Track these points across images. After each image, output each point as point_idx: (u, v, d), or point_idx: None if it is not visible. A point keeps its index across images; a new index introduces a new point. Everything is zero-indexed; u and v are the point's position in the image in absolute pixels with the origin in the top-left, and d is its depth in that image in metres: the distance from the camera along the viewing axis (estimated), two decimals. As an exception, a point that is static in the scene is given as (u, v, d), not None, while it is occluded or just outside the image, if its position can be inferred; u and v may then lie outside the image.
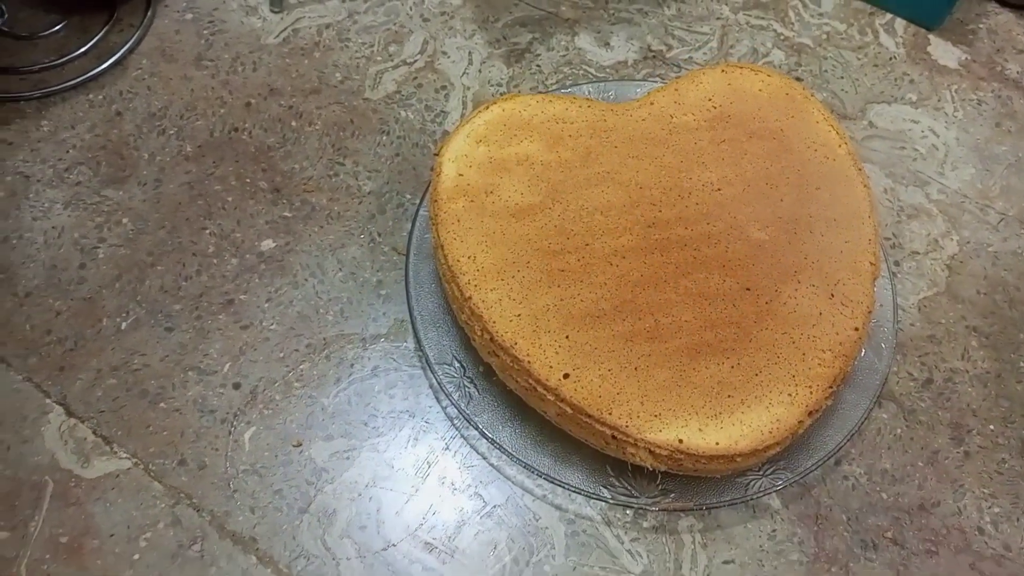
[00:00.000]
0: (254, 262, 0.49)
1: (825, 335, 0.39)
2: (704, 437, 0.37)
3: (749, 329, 0.39)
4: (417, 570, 0.41)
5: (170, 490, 0.42)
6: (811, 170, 0.45)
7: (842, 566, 0.42)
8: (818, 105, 0.47)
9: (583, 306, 0.40)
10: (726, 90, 0.48)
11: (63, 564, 0.40)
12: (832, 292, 0.41)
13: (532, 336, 0.39)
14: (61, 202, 0.50)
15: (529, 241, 0.42)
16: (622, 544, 0.42)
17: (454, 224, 0.42)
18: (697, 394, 0.38)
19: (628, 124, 0.47)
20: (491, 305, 0.40)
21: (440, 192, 0.43)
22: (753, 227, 0.42)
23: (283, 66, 0.56)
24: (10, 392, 0.44)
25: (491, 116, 0.46)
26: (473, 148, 0.45)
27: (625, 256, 0.41)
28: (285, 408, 0.45)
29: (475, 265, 0.41)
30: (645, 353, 0.39)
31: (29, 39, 0.56)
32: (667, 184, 0.44)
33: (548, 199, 0.43)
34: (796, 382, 0.38)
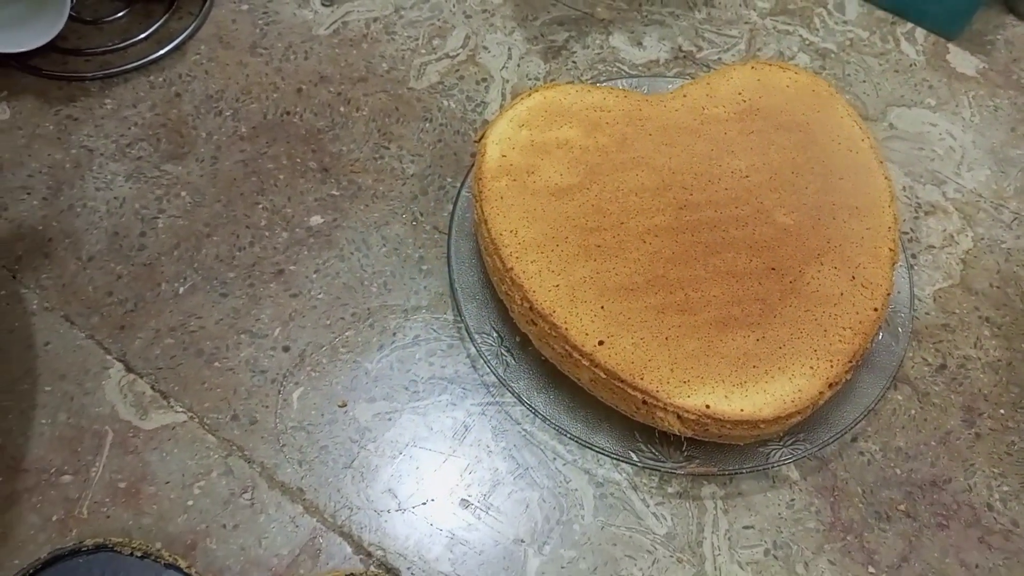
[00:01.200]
0: (303, 236, 0.52)
1: (846, 314, 0.42)
2: (730, 404, 0.40)
3: (774, 306, 0.42)
4: (454, 523, 0.43)
5: (223, 442, 0.45)
6: (835, 161, 0.47)
7: (856, 535, 0.44)
8: (842, 101, 0.50)
9: (617, 279, 0.43)
10: (755, 85, 0.50)
11: (122, 507, 0.43)
12: (853, 275, 0.43)
13: (569, 305, 0.42)
14: (123, 175, 0.53)
15: (568, 218, 0.45)
16: (648, 507, 0.44)
17: (497, 201, 0.45)
18: (724, 364, 0.40)
19: (662, 114, 0.49)
20: (531, 276, 0.43)
21: (485, 171, 0.46)
22: (779, 212, 0.45)
23: (332, 56, 0.59)
24: (74, 348, 0.47)
25: (533, 103, 0.49)
26: (516, 132, 0.48)
27: (657, 235, 0.44)
28: (331, 371, 0.47)
29: (517, 239, 0.44)
30: (675, 324, 0.41)
31: (95, 23, 0.59)
32: (698, 170, 0.47)
33: (586, 180, 0.46)
34: (818, 356, 0.41)
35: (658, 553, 0.43)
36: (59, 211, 0.51)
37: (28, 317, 0.48)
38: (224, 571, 0.42)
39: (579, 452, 0.46)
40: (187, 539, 0.42)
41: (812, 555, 0.44)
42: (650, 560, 0.43)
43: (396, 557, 0.42)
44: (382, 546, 0.43)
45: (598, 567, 0.43)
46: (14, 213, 0.51)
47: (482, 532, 0.43)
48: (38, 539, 0.42)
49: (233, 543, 0.42)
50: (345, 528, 0.43)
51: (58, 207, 0.52)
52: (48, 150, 0.54)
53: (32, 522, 0.42)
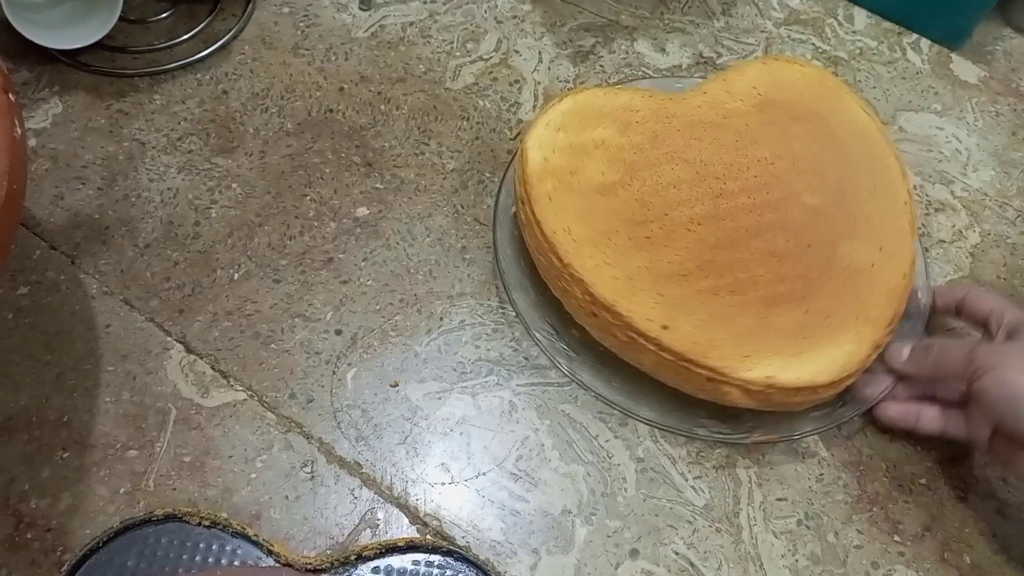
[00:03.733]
0: (350, 226, 0.54)
1: (880, 282, 0.45)
2: (789, 373, 0.43)
3: (814, 280, 0.45)
4: (504, 496, 0.46)
5: (282, 419, 0.47)
6: (849, 145, 0.51)
7: (882, 507, 0.47)
8: (848, 90, 0.54)
9: (670, 267, 0.45)
10: (768, 79, 0.54)
11: (187, 480, 0.45)
12: (881, 246, 0.46)
13: (629, 295, 0.44)
14: (175, 167, 0.55)
15: (615, 213, 0.47)
16: (686, 481, 0.47)
17: (546, 202, 0.47)
18: (779, 337, 0.43)
19: (687, 110, 0.53)
20: (590, 270, 0.45)
21: (530, 175, 0.49)
22: (807, 194, 0.48)
23: (372, 57, 0.61)
24: (135, 330, 0.49)
25: (565, 107, 0.52)
26: (554, 135, 0.50)
27: (700, 223, 0.47)
28: (382, 353, 0.49)
29: (571, 237, 0.46)
30: (729, 304, 0.44)
31: (141, 23, 0.62)
32: (727, 160, 0.50)
33: (626, 177, 0.49)
34: (860, 323, 0.44)
35: (698, 523, 0.46)
36: (114, 200, 0.53)
37: (88, 301, 0.50)
38: (288, 540, 0.44)
39: (620, 430, 0.48)
40: (251, 510, 0.44)
41: (841, 525, 0.46)
42: (690, 530, 0.46)
43: (451, 527, 0.45)
44: (437, 516, 0.45)
45: (642, 536, 0.45)
46: (71, 202, 0.53)
47: (531, 504, 0.46)
48: (107, 510, 0.44)
49: (296, 513, 0.44)
50: (402, 500, 0.45)
51: (113, 197, 0.53)
52: (101, 143, 0.56)
53: (101, 494, 0.44)
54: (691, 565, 0.45)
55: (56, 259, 0.51)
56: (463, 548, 0.44)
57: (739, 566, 0.45)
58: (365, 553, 0.43)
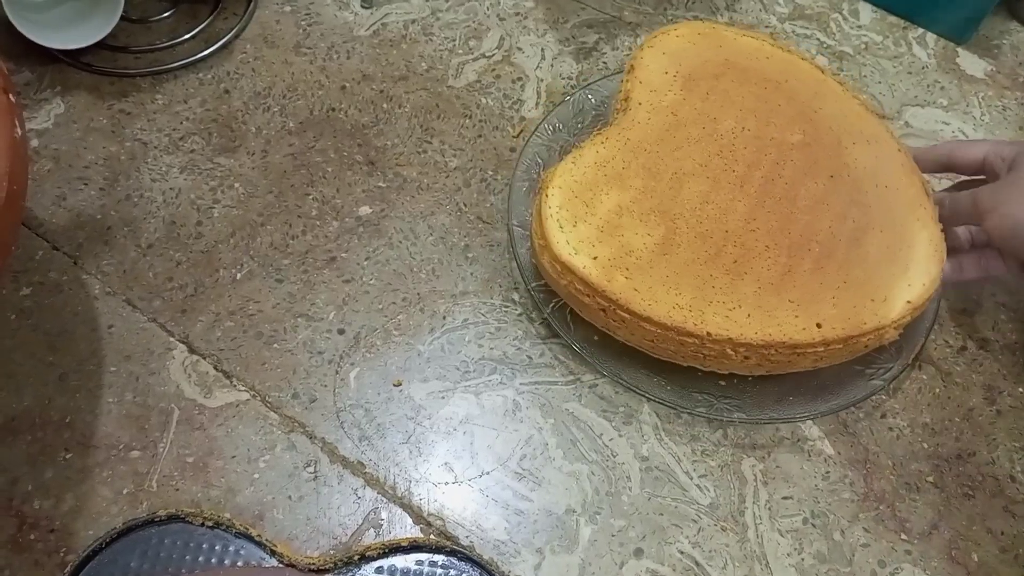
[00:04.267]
0: (353, 225, 0.54)
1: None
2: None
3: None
4: (508, 495, 0.45)
5: (285, 419, 0.47)
6: (812, 99, 0.52)
7: (889, 504, 0.47)
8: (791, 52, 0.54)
9: (717, 266, 0.46)
10: (667, 58, 0.52)
11: (190, 480, 0.45)
12: (886, 184, 0.49)
13: (703, 307, 0.45)
14: (177, 167, 0.55)
15: (687, 265, 0.46)
16: (691, 479, 0.47)
17: (571, 244, 0.46)
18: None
19: (642, 132, 0.50)
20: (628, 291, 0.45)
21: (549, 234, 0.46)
22: (793, 137, 0.50)
23: (374, 55, 0.61)
24: (137, 330, 0.49)
25: (563, 191, 0.48)
26: (569, 229, 0.47)
27: (751, 220, 0.47)
28: (385, 352, 0.49)
29: (629, 284, 0.45)
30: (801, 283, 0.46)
31: (142, 23, 0.62)
32: (716, 151, 0.49)
33: (666, 230, 0.47)
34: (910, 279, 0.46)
35: (703, 522, 0.46)
36: (117, 201, 0.53)
37: (91, 301, 0.50)
38: (291, 540, 0.43)
39: (624, 428, 0.48)
40: (255, 510, 0.44)
41: (848, 523, 0.46)
42: (695, 528, 0.45)
43: (455, 526, 0.44)
44: (441, 516, 0.45)
45: (646, 535, 0.45)
46: (73, 203, 0.53)
47: (535, 503, 0.45)
48: (111, 511, 0.44)
49: (300, 513, 0.44)
50: (405, 500, 0.45)
51: (116, 197, 0.53)
52: (103, 143, 0.55)
53: (104, 495, 0.44)
54: (696, 564, 0.44)
55: (59, 260, 0.51)
56: (467, 548, 0.44)
57: (744, 565, 0.44)
58: (369, 553, 0.42)
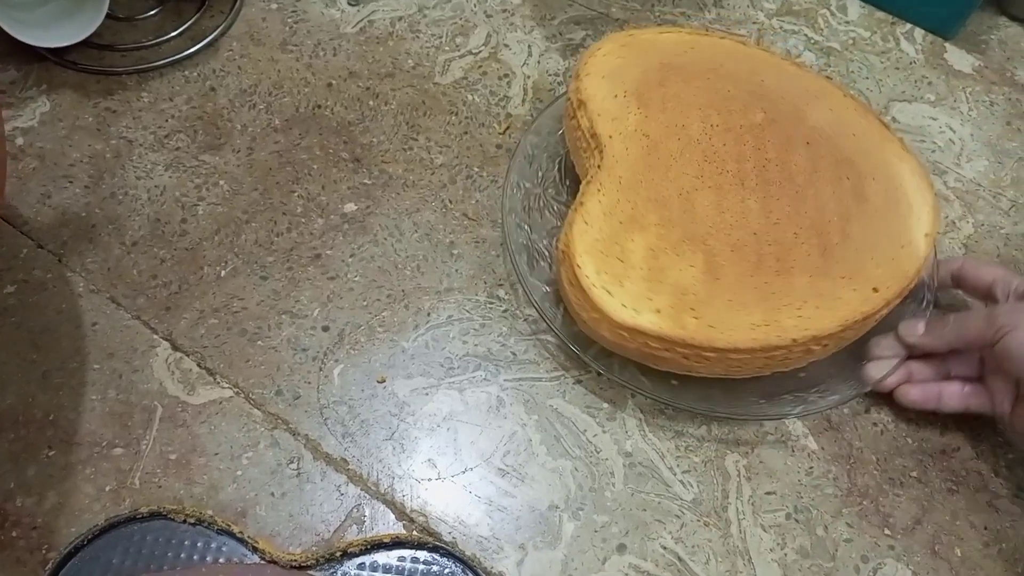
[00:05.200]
0: (338, 222, 0.54)
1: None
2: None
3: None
4: (492, 491, 0.45)
5: (269, 416, 0.47)
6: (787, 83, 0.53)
7: (872, 500, 0.47)
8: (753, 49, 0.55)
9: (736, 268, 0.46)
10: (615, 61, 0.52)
11: (173, 477, 0.45)
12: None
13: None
14: (162, 164, 0.55)
15: (739, 282, 0.46)
16: (675, 475, 0.47)
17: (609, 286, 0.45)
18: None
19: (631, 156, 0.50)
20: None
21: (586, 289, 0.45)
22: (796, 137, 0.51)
23: (360, 52, 0.61)
24: (121, 328, 0.49)
25: (592, 255, 0.46)
26: (619, 292, 0.45)
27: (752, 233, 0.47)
28: (369, 349, 0.49)
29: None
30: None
31: (128, 21, 0.61)
32: (717, 147, 0.49)
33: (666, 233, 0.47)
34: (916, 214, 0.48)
35: (686, 517, 0.46)
36: (101, 199, 0.53)
37: (75, 299, 0.50)
38: (274, 537, 0.43)
39: (608, 424, 0.48)
40: (237, 507, 0.44)
41: (831, 518, 0.46)
42: (678, 524, 0.45)
43: (437, 522, 0.44)
44: (424, 512, 0.45)
45: (629, 531, 0.45)
46: (57, 201, 0.53)
47: (518, 499, 0.45)
48: (93, 508, 0.44)
49: (282, 510, 0.44)
50: (388, 496, 0.45)
51: (100, 195, 0.53)
52: (88, 141, 0.55)
53: (87, 492, 0.44)
54: (679, 560, 0.44)
55: (43, 257, 0.51)
56: (449, 544, 0.44)
57: (727, 560, 0.44)
58: (351, 549, 0.42)
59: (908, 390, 0.48)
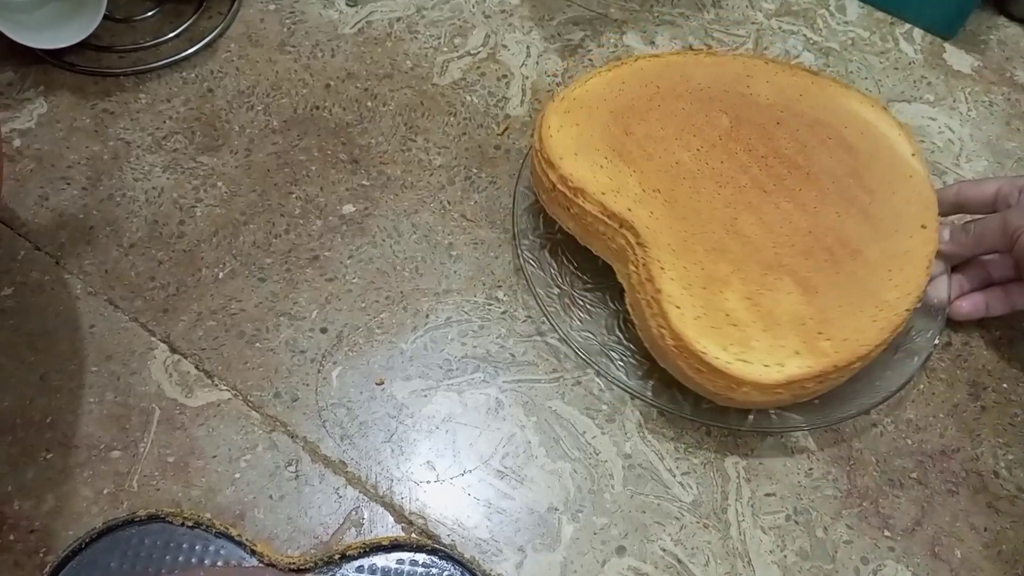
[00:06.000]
0: (336, 224, 0.54)
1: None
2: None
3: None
4: (490, 493, 0.45)
5: (267, 419, 0.47)
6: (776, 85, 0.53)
7: (872, 501, 0.47)
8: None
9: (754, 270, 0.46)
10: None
11: (171, 480, 0.45)
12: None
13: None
14: (160, 166, 0.55)
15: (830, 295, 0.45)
16: (674, 477, 0.47)
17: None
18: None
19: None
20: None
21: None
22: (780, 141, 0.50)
23: (358, 53, 0.61)
24: (119, 330, 0.49)
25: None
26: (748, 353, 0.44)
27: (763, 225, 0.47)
28: (367, 351, 0.49)
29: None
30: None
31: (126, 22, 0.61)
32: (717, 152, 0.49)
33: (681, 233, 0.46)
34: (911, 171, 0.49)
35: (685, 519, 0.45)
36: (99, 200, 0.53)
37: (73, 301, 0.50)
38: (272, 539, 0.43)
39: (607, 426, 0.48)
40: (235, 510, 0.44)
41: (831, 520, 0.46)
42: (678, 526, 0.45)
43: (436, 525, 0.44)
44: (423, 515, 0.45)
45: (629, 533, 0.45)
46: (55, 202, 0.53)
47: (517, 501, 0.45)
48: (91, 511, 0.44)
49: (280, 513, 0.44)
50: (387, 498, 0.45)
51: (98, 196, 0.53)
52: (86, 142, 0.55)
53: (84, 495, 0.44)
54: (678, 562, 0.44)
55: (41, 260, 0.51)
56: (448, 547, 0.44)
57: (727, 562, 0.44)
58: (349, 552, 0.42)
59: (959, 304, 0.49)
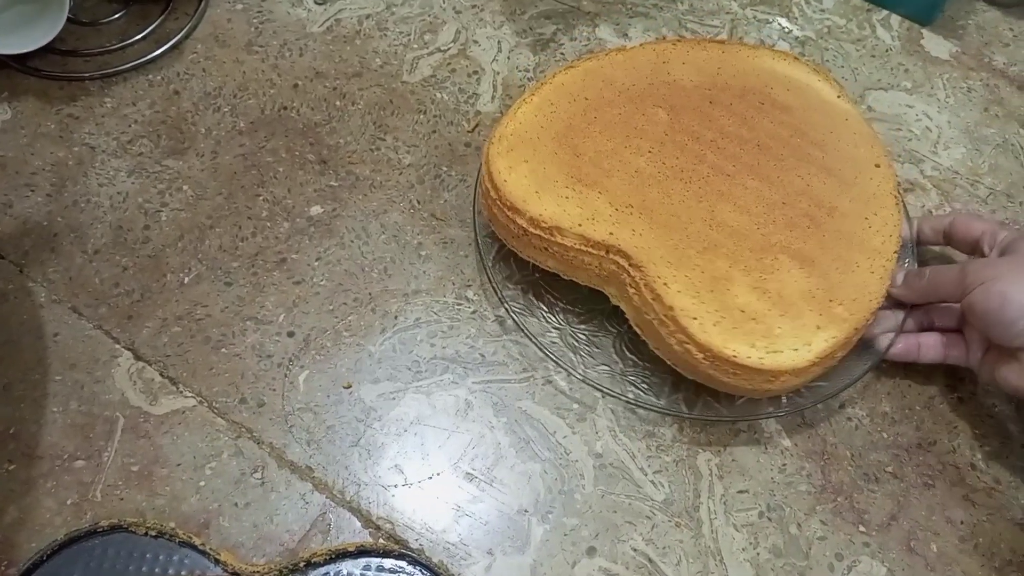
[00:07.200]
0: (304, 225, 0.53)
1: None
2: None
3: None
4: (460, 496, 0.45)
5: (232, 425, 0.46)
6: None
7: (847, 496, 0.46)
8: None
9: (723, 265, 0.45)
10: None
11: (135, 489, 0.44)
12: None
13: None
14: (125, 170, 0.54)
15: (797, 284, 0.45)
16: (646, 476, 0.46)
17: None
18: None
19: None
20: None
21: None
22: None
23: (327, 52, 0.60)
24: (83, 338, 0.48)
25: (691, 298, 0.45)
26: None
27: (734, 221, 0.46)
28: (335, 354, 0.49)
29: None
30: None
31: (92, 25, 0.61)
32: (676, 149, 0.48)
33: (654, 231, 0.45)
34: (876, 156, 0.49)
35: (657, 518, 0.45)
36: (63, 207, 0.53)
37: (37, 309, 0.49)
38: (237, 547, 0.43)
39: (578, 426, 0.47)
40: (200, 518, 0.43)
41: (804, 516, 0.45)
42: (649, 525, 0.45)
43: (404, 529, 0.44)
44: (391, 519, 0.44)
45: (599, 533, 0.44)
46: (19, 210, 0.52)
47: (487, 503, 0.45)
48: (54, 522, 0.43)
49: (246, 520, 0.43)
50: (354, 503, 0.44)
51: (62, 203, 0.53)
52: (51, 148, 0.55)
53: (48, 506, 0.43)
54: (650, 561, 0.44)
55: (4, 268, 0.50)
56: (416, 551, 0.43)
57: (699, 561, 0.44)
58: (315, 559, 0.42)
59: (895, 343, 0.48)
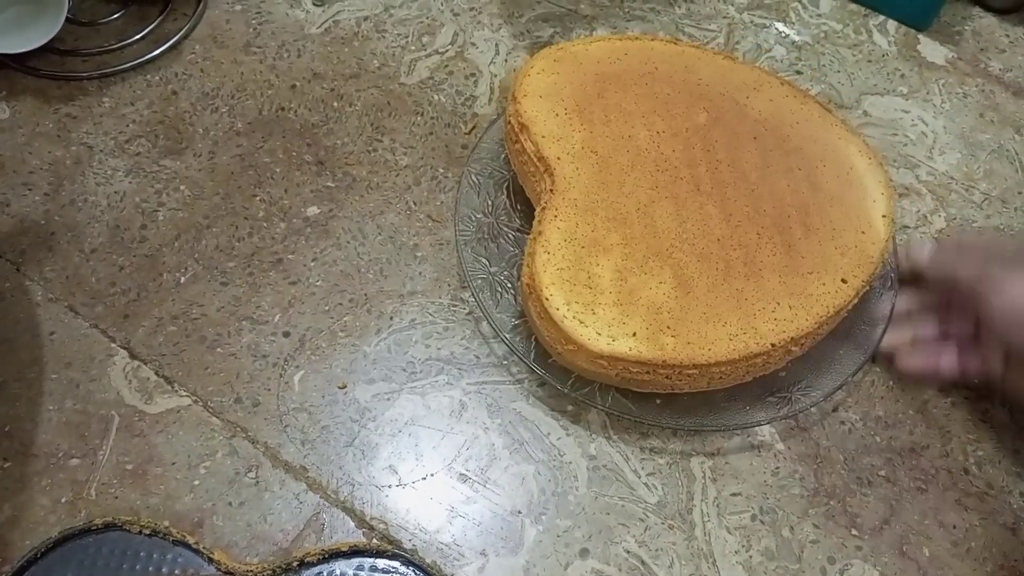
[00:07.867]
0: (300, 226, 0.53)
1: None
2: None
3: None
4: (453, 497, 0.45)
5: (227, 424, 0.46)
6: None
7: (839, 500, 0.46)
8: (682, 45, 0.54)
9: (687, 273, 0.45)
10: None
11: (129, 488, 0.44)
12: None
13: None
14: (122, 170, 0.54)
15: (711, 292, 0.45)
16: (639, 478, 0.46)
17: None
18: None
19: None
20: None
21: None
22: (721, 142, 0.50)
23: (325, 53, 0.61)
24: (79, 337, 0.48)
25: (559, 286, 0.45)
26: (592, 320, 0.44)
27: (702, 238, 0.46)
28: (330, 354, 0.49)
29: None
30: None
31: (91, 25, 0.61)
32: (666, 169, 0.48)
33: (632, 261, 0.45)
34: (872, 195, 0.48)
35: (650, 520, 0.45)
36: (61, 206, 0.53)
37: (33, 308, 0.49)
38: (231, 547, 0.43)
39: (572, 427, 0.47)
40: (194, 517, 0.44)
41: (797, 519, 0.45)
42: (642, 527, 0.45)
43: (398, 530, 0.44)
44: (384, 520, 0.44)
45: (592, 535, 0.44)
46: (17, 208, 0.52)
47: (480, 505, 0.45)
48: (48, 520, 0.43)
49: (239, 520, 0.44)
50: (348, 504, 0.44)
51: (60, 202, 0.53)
52: (48, 147, 0.55)
53: (42, 504, 0.43)
54: (642, 563, 0.44)
55: (1, 266, 0.50)
56: (409, 552, 0.43)
57: (691, 563, 0.44)
58: (308, 559, 0.42)
59: (908, 358, 0.48)
